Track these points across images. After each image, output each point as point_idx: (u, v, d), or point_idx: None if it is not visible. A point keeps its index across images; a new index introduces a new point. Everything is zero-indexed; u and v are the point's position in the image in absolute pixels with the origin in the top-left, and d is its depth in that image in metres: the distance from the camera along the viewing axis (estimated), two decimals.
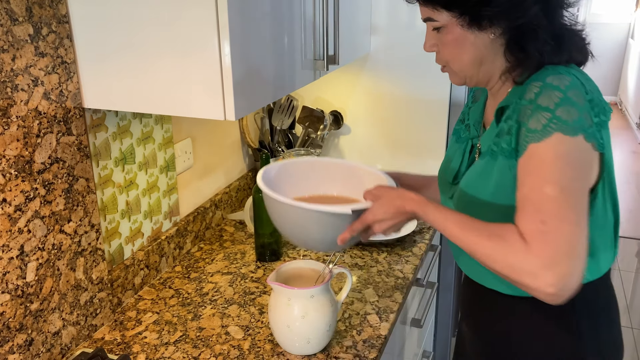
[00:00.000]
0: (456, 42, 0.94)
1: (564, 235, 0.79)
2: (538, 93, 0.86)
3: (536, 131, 0.85)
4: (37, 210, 1.03)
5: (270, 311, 1.13)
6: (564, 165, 0.83)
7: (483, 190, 0.96)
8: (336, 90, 1.88)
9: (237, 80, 1.00)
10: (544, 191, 0.82)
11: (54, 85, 1.04)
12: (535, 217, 0.81)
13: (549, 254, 0.79)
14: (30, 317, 1.04)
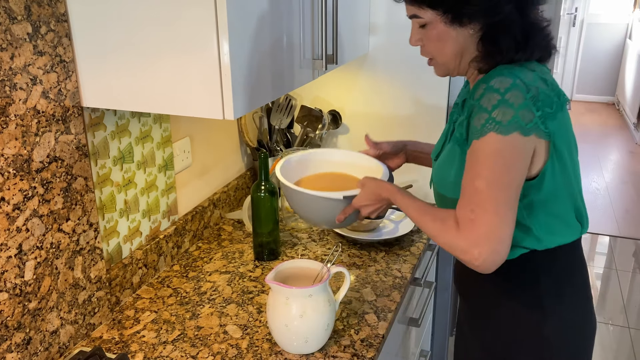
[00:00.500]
0: (439, 37, 1.05)
1: (486, 223, 0.95)
2: (482, 95, 0.98)
3: (476, 129, 0.97)
4: (35, 209, 1.03)
5: (269, 310, 1.13)
6: (493, 162, 0.96)
7: (448, 172, 1.10)
8: (335, 90, 1.88)
9: (235, 79, 1.00)
10: (474, 184, 0.97)
11: (53, 84, 1.04)
12: (467, 206, 0.97)
13: (474, 237, 0.96)
14: (28, 316, 1.04)
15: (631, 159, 5.14)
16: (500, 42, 1.01)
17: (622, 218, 4.01)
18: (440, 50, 1.06)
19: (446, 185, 1.11)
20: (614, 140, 5.63)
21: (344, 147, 1.93)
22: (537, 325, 1.09)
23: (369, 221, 1.60)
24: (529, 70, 1.00)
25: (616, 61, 6.69)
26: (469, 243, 0.96)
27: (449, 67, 1.09)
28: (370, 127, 1.88)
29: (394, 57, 1.77)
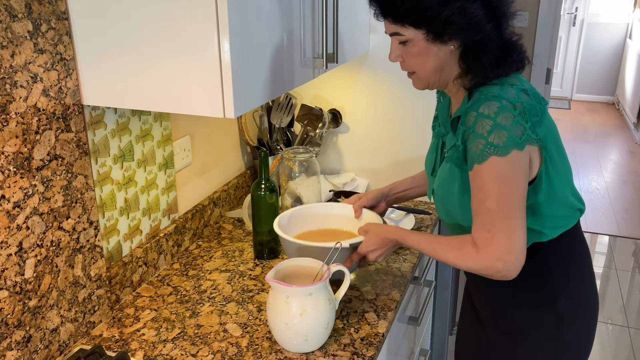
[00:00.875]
0: (421, 53, 1.09)
1: (503, 238, 1.03)
2: (474, 122, 1.04)
3: (476, 154, 1.04)
4: (35, 207, 1.03)
5: (269, 309, 1.13)
6: (498, 183, 1.03)
7: (450, 189, 1.16)
8: (335, 89, 1.88)
9: (236, 77, 1.00)
10: (486, 205, 1.04)
11: (53, 82, 1.04)
12: (482, 227, 1.05)
13: (495, 253, 1.04)
14: (28, 314, 1.04)
15: (631, 159, 5.14)
16: (481, 59, 1.06)
17: (622, 218, 4.01)
18: (422, 66, 1.10)
19: (450, 200, 1.17)
20: (614, 140, 5.63)
21: (344, 145, 1.93)
22: (551, 303, 1.17)
23: None
24: (509, 85, 1.06)
25: (616, 61, 6.69)
26: (491, 260, 1.04)
27: (429, 81, 1.13)
28: (370, 125, 1.88)
29: None
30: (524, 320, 1.20)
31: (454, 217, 1.19)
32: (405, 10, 1.04)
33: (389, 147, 1.87)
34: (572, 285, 1.19)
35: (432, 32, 1.05)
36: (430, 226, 1.68)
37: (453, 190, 1.14)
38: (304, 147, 1.73)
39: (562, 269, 1.18)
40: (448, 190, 1.16)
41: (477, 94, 1.06)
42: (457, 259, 1.10)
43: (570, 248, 1.20)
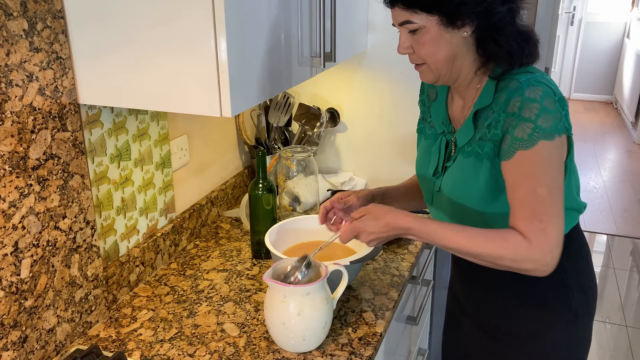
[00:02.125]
0: (433, 41, 1.03)
1: (556, 227, 0.99)
2: (520, 107, 1.00)
3: (523, 140, 1.00)
4: (31, 207, 1.03)
5: (266, 308, 1.13)
6: (548, 167, 1.00)
7: (472, 186, 1.10)
8: (333, 88, 1.87)
9: (233, 76, 0.99)
10: (537, 193, 0.99)
11: (49, 81, 1.03)
12: (533, 217, 0.99)
13: (548, 245, 0.98)
14: (24, 314, 1.04)
15: (629, 158, 5.14)
16: (501, 43, 1.03)
17: (620, 217, 4.01)
18: (434, 55, 1.05)
19: (474, 197, 1.10)
20: (612, 139, 5.63)
21: (342, 144, 1.93)
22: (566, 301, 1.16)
23: None
24: (540, 74, 1.04)
25: (614, 60, 6.69)
26: (543, 252, 0.98)
27: (440, 72, 1.08)
28: (368, 124, 1.88)
29: (392, 54, 1.75)
30: (538, 319, 1.18)
31: (467, 213, 1.13)
32: None
33: (386, 146, 1.87)
34: (583, 280, 1.18)
35: (445, 17, 1.00)
36: None
37: (479, 186, 1.09)
38: (301, 146, 1.72)
39: (573, 263, 1.17)
40: (472, 186, 1.10)
41: (511, 81, 1.03)
42: (501, 250, 0.99)
43: (578, 243, 1.19)
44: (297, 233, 1.42)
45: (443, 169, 1.18)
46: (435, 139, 1.21)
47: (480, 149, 1.08)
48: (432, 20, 1.02)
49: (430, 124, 1.24)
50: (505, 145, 1.02)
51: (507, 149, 1.02)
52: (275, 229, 1.38)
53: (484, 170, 1.08)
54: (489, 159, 1.07)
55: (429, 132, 1.24)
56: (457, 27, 1.02)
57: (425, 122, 1.27)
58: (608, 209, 4.12)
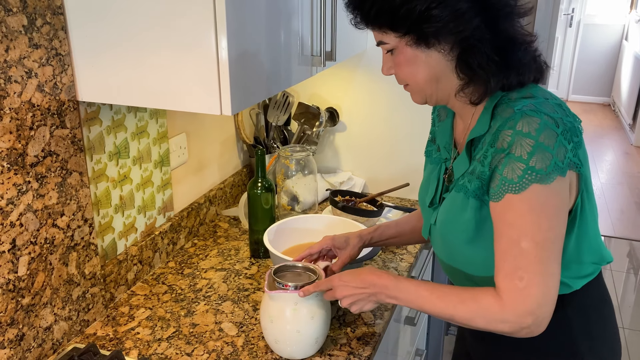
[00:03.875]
0: (408, 62, 0.94)
1: (539, 288, 0.86)
2: (510, 142, 0.87)
3: (512, 182, 0.86)
4: (29, 204, 1.02)
5: (273, 322, 1.07)
6: (539, 218, 0.86)
7: (458, 224, 0.98)
8: (332, 87, 1.87)
9: (233, 74, 0.99)
10: (521, 246, 0.86)
11: (48, 78, 1.03)
12: (513, 274, 0.86)
13: (525, 307, 0.86)
14: (21, 312, 1.03)
15: (626, 160, 5.15)
16: (472, 64, 0.90)
17: (617, 219, 4.01)
18: (413, 76, 0.95)
19: (456, 239, 1.00)
20: (609, 141, 5.64)
21: (341, 144, 1.93)
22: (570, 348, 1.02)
23: (365, 219, 1.59)
24: (543, 98, 0.90)
25: (612, 62, 6.71)
26: (520, 315, 0.86)
27: (425, 94, 0.98)
28: (367, 124, 1.87)
29: None
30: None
31: (458, 260, 1.02)
32: (376, 12, 0.90)
33: (385, 146, 1.87)
34: (596, 344, 1.03)
35: (412, 34, 0.90)
36: None
37: (463, 227, 0.96)
38: (300, 146, 1.72)
39: (585, 326, 1.02)
40: (456, 226, 0.98)
41: (506, 109, 0.90)
42: (472, 313, 0.89)
43: (595, 301, 1.03)
44: (295, 233, 1.42)
45: (439, 200, 1.06)
46: (437, 164, 1.09)
47: (470, 185, 0.95)
48: (402, 40, 0.92)
49: (437, 147, 1.12)
50: (494, 185, 0.89)
51: (495, 190, 0.89)
52: (274, 228, 1.38)
53: (470, 209, 0.95)
54: (477, 198, 0.94)
55: (434, 156, 1.12)
56: (430, 46, 0.91)
57: (433, 144, 1.15)
58: (605, 211, 4.13)
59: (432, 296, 0.94)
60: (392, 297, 0.98)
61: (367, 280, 1.00)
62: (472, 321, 0.91)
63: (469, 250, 0.98)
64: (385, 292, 0.98)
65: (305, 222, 1.44)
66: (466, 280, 1.05)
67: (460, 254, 1.01)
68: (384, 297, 0.99)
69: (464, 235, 0.97)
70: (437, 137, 1.12)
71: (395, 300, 0.98)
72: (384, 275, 0.99)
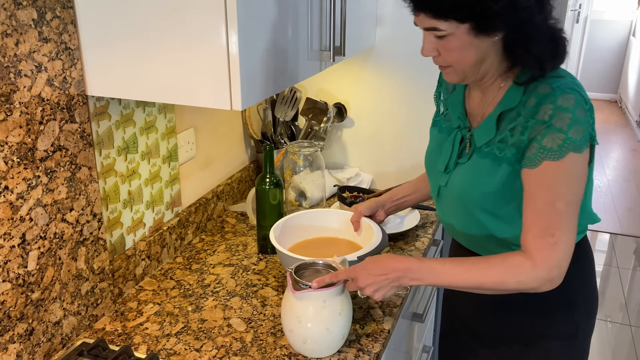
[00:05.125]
0: (462, 47, 0.99)
1: (567, 242, 0.97)
2: (552, 115, 0.96)
3: (552, 150, 0.96)
4: (39, 199, 1.02)
5: (301, 322, 1.05)
6: (572, 181, 0.97)
7: (484, 187, 1.07)
8: (340, 83, 1.86)
9: (244, 69, 0.98)
10: (555, 206, 0.96)
11: (58, 72, 1.02)
12: (545, 232, 0.96)
13: (555, 260, 0.96)
14: (31, 307, 1.03)
15: (633, 157, 5.13)
16: (532, 50, 0.98)
17: (624, 216, 4.00)
18: (462, 60, 1.00)
19: (478, 197, 1.08)
20: (616, 137, 5.62)
21: (349, 140, 1.92)
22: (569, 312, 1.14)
23: None
24: (570, 78, 1.00)
25: (619, 58, 6.67)
26: (549, 269, 0.96)
27: (466, 75, 1.04)
28: (375, 119, 1.86)
29: (400, 49, 1.75)
30: (538, 329, 1.16)
31: (478, 221, 1.10)
32: (452, 5, 0.93)
33: (394, 142, 1.86)
34: (588, 292, 1.17)
35: (478, 26, 0.95)
36: (435, 222, 1.66)
37: (491, 189, 1.05)
38: (308, 141, 1.71)
39: (579, 275, 1.14)
40: (484, 187, 1.06)
41: (543, 86, 0.99)
42: (504, 276, 0.97)
43: (586, 254, 1.17)
44: (302, 229, 1.41)
45: (454, 165, 1.15)
46: (449, 132, 1.17)
47: (499, 152, 1.04)
48: (463, 27, 0.96)
49: (446, 117, 1.21)
50: (531, 153, 0.99)
51: (532, 157, 0.98)
52: (280, 224, 1.37)
53: (501, 174, 1.04)
54: (510, 164, 1.03)
55: (444, 126, 1.20)
56: (488, 34, 0.97)
57: (440, 115, 1.24)
58: (612, 208, 4.11)
59: (459, 269, 1.00)
60: (416, 279, 1.02)
61: (389, 266, 1.03)
62: (502, 284, 0.98)
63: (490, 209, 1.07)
64: (409, 275, 1.02)
65: (313, 217, 1.43)
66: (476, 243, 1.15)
67: (473, 214, 1.10)
68: (407, 281, 1.03)
69: (490, 197, 1.06)
70: (450, 107, 1.19)
71: (420, 281, 1.03)
72: (405, 259, 1.04)
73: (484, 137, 1.08)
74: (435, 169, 1.20)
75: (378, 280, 1.03)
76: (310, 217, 1.43)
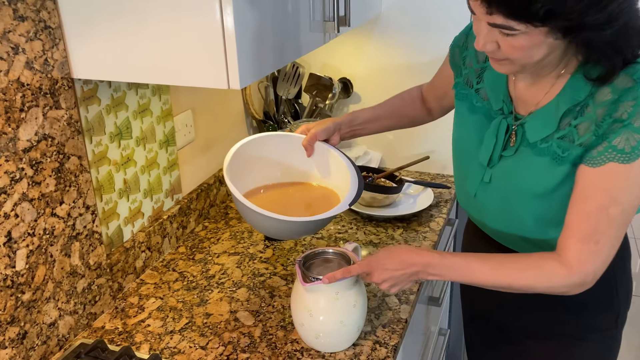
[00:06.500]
0: (533, 46, 0.84)
1: (610, 251, 0.89)
2: (632, 113, 0.84)
3: (622, 152, 0.85)
4: (24, 193, 0.94)
5: (312, 315, 0.98)
6: (634, 188, 0.87)
7: (539, 187, 0.95)
8: (344, 56, 1.76)
9: (241, 45, 0.89)
10: (608, 211, 0.86)
11: (37, 53, 0.93)
12: (590, 237, 0.87)
13: (594, 268, 0.88)
14: (22, 309, 0.96)
15: None
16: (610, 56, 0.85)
17: None
18: (528, 57, 0.86)
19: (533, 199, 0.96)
20: None
21: None
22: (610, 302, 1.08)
23: (385, 196, 1.50)
24: None
25: None
26: (585, 276, 0.88)
27: (525, 69, 0.91)
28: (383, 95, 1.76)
29: (408, 18, 1.64)
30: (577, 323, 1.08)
31: (522, 223, 0.99)
32: (545, 12, 0.77)
33: None
34: (626, 279, 1.10)
35: (563, 30, 0.81)
36: (450, 201, 1.58)
37: (545, 191, 0.94)
38: (313, 120, 1.62)
39: (621, 267, 1.08)
40: (536, 190, 0.95)
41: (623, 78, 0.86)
42: (534, 280, 0.89)
43: (625, 242, 1.07)
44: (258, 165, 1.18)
45: (498, 158, 1.01)
46: (488, 117, 1.02)
47: (562, 151, 0.91)
48: (541, 29, 0.81)
49: (479, 93, 1.05)
50: (596, 151, 0.87)
51: (596, 156, 0.87)
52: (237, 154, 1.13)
53: (561, 174, 0.92)
54: (574, 165, 0.90)
55: (479, 105, 1.05)
56: (564, 36, 0.83)
57: (469, 87, 1.07)
58: None
59: (485, 267, 0.92)
60: (435, 275, 0.95)
61: (407, 260, 0.95)
62: (531, 288, 0.91)
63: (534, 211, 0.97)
64: (428, 270, 0.95)
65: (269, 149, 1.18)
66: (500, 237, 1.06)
67: (518, 215, 0.99)
68: (425, 275, 0.95)
69: (536, 200, 0.96)
70: (487, 84, 1.03)
71: (439, 277, 0.95)
72: (424, 252, 0.96)
73: (541, 131, 0.94)
74: (475, 160, 1.04)
75: (395, 276, 0.95)
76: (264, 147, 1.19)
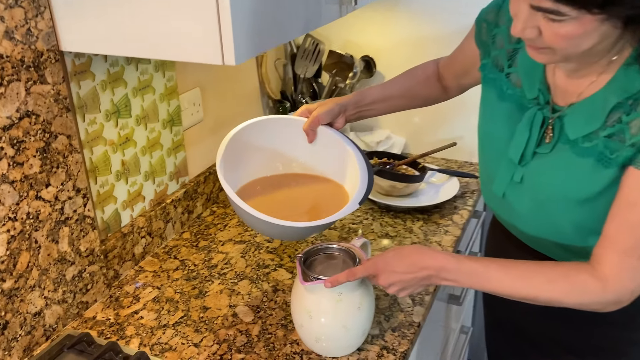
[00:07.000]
0: (582, 34, 0.73)
1: None
2: None
3: None
4: (4, 174, 0.87)
5: (313, 317, 0.90)
6: None
7: (581, 192, 0.84)
8: (368, 33, 1.64)
9: (236, 16, 0.79)
10: None
11: (19, 22, 0.85)
12: (634, 250, 0.77)
13: (630, 288, 0.79)
14: (2, 297, 0.90)
15: None
16: None
17: None
18: (574, 47, 0.75)
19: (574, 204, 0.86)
20: None
21: None
22: None
23: (405, 185, 1.39)
24: None
25: None
26: (622, 294, 0.79)
27: (569, 59, 0.80)
28: None
29: None
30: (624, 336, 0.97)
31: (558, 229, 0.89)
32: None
33: None
34: None
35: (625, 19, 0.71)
36: (477, 192, 1.46)
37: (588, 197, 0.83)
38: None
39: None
40: (578, 195, 0.84)
41: None
42: (564, 294, 0.80)
43: None
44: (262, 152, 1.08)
45: (532, 155, 0.90)
46: (520, 106, 0.91)
47: (611, 153, 0.80)
48: (598, 16, 0.70)
49: (510, 78, 0.93)
50: None
51: None
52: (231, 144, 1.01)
53: (607, 178, 0.81)
54: (622, 169, 0.79)
55: (509, 92, 0.93)
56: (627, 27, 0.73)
57: (498, 71, 0.95)
58: None
59: (507, 277, 0.82)
60: (450, 280, 0.85)
61: (418, 263, 0.85)
62: (560, 302, 0.82)
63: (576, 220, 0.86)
64: (442, 274, 0.84)
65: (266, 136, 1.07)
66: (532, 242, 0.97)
67: (555, 221, 0.89)
68: (438, 280, 0.86)
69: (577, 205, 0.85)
70: (521, 69, 0.91)
71: (455, 283, 0.85)
72: (438, 255, 0.85)
73: (584, 126, 0.82)
74: (504, 156, 0.93)
75: (404, 280, 0.85)
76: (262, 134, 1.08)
